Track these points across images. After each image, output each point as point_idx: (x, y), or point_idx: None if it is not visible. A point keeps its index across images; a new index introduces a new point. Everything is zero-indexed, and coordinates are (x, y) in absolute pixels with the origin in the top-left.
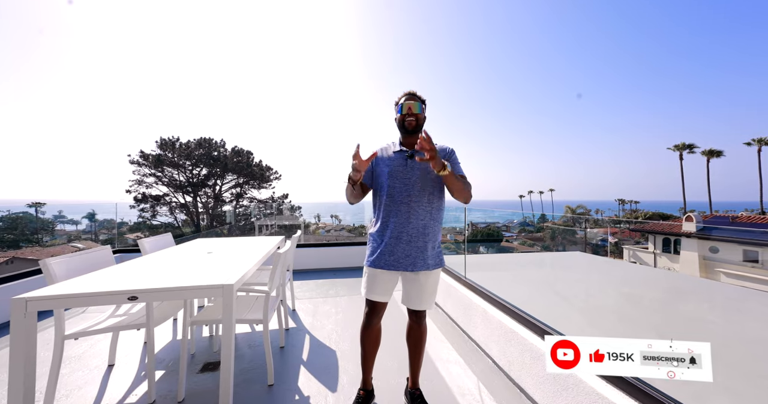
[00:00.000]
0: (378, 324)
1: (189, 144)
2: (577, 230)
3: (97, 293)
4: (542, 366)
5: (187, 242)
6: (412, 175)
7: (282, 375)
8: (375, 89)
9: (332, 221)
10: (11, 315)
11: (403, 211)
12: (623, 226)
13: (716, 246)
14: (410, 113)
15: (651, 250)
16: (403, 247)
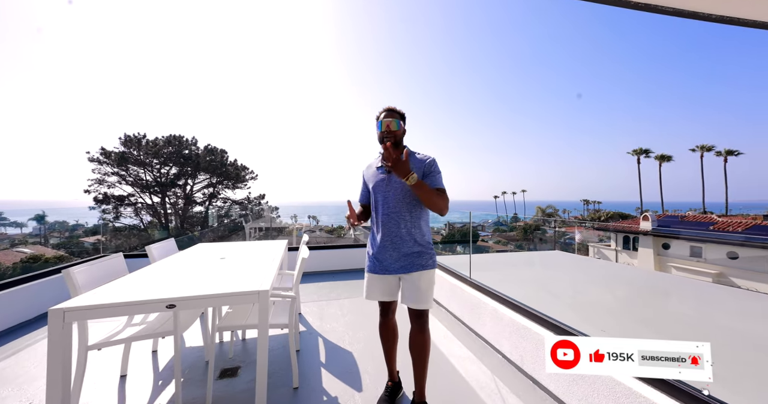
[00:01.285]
0: (392, 319)
1: (157, 142)
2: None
3: (136, 303)
4: None
5: (188, 247)
6: (390, 189)
7: (304, 377)
8: (352, 86)
9: (310, 221)
10: (49, 326)
11: (387, 222)
12: (588, 225)
13: (668, 243)
14: (388, 131)
15: (613, 247)
16: (390, 254)
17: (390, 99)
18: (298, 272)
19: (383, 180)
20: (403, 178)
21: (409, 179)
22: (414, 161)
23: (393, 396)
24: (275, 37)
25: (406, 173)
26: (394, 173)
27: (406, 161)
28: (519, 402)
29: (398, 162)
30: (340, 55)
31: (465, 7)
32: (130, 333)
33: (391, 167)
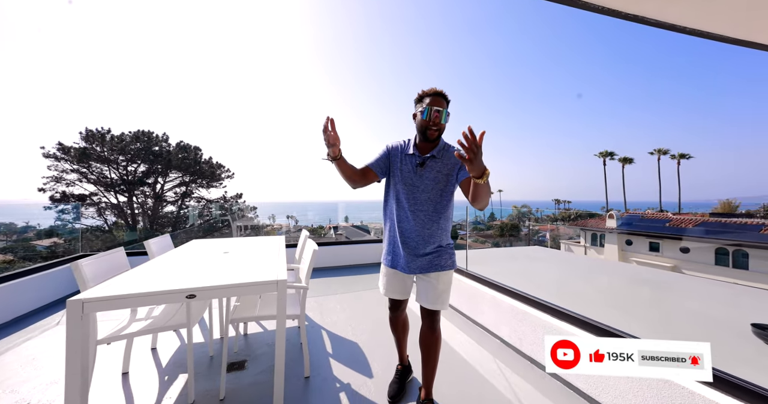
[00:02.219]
0: (402, 315)
1: (123, 137)
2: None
3: (156, 293)
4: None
5: (181, 245)
6: (420, 183)
7: (314, 367)
8: (330, 86)
9: (288, 221)
10: (67, 318)
11: (409, 218)
12: (559, 223)
13: (630, 239)
14: (435, 123)
15: (582, 244)
16: (410, 252)
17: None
18: (309, 264)
19: (412, 172)
20: (477, 174)
21: (483, 177)
22: (449, 155)
23: (404, 379)
24: (253, 32)
25: (483, 169)
26: (467, 167)
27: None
28: (520, 379)
29: (478, 156)
30: (318, 52)
31: (443, 5)
32: (137, 328)
33: (467, 159)
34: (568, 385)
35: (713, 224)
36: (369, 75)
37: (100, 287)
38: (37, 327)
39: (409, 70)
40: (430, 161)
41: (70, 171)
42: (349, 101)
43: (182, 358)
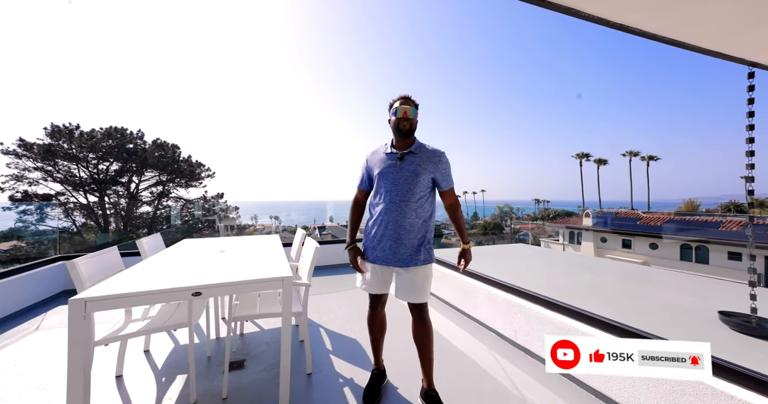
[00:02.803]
0: (381, 312)
1: (94, 134)
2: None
3: (161, 291)
4: (547, 328)
5: (173, 245)
6: (401, 176)
7: (315, 364)
8: (313, 84)
9: (272, 222)
10: (69, 318)
11: (391, 210)
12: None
13: (605, 237)
14: (405, 118)
15: (561, 241)
16: (390, 244)
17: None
18: (311, 262)
19: (393, 166)
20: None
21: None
22: (424, 152)
23: (379, 383)
24: (234, 28)
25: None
26: (420, 165)
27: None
28: (516, 369)
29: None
30: (301, 50)
31: (428, 5)
32: (135, 328)
33: None
34: (563, 374)
35: (678, 222)
36: (353, 73)
37: (99, 286)
38: (14, 332)
39: (393, 68)
40: (409, 156)
41: (33, 169)
42: (331, 99)
43: (177, 359)
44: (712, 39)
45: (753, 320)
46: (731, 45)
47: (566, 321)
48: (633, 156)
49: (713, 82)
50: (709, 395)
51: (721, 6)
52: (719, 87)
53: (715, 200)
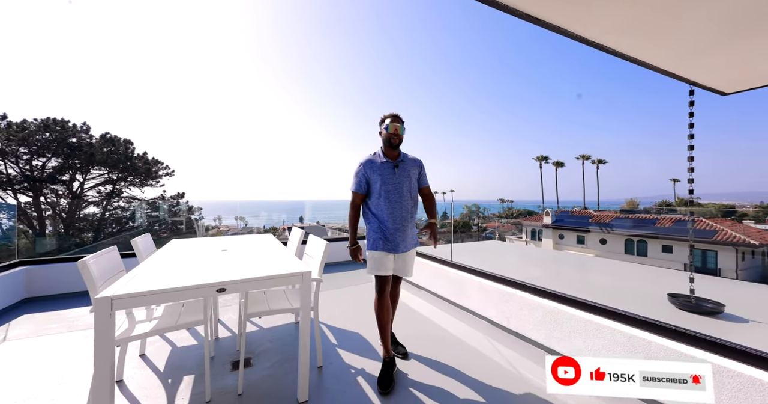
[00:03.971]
0: (388, 295)
1: (26, 125)
2: (471, 225)
3: (186, 288)
4: (538, 313)
5: (164, 246)
6: (399, 181)
7: (324, 357)
8: (276, 83)
9: (237, 223)
10: (95, 315)
11: (396, 208)
12: (504, 220)
13: (562, 234)
14: (396, 134)
15: (524, 238)
16: (401, 235)
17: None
18: (323, 258)
19: (391, 173)
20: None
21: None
22: (410, 160)
23: (390, 370)
24: (198, 21)
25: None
26: (411, 170)
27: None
28: (511, 351)
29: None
30: (264, 56)
31: (399, 6)
32: (150, 328)
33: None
34: (551, 351)
35: (622, 220)
36: (322, 74)
37: (117, 285)
38: None
39: (365, 69)
40: (401, 163)
41: None
42: (298, 100)
43: (177, 361)
44: (668, 61)
45: (692, 300)
46: (681, 67)
47: (555, 305)
48: (585, 159)
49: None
50: (675, 357)
51: (677, 33)
52: (655, 103)
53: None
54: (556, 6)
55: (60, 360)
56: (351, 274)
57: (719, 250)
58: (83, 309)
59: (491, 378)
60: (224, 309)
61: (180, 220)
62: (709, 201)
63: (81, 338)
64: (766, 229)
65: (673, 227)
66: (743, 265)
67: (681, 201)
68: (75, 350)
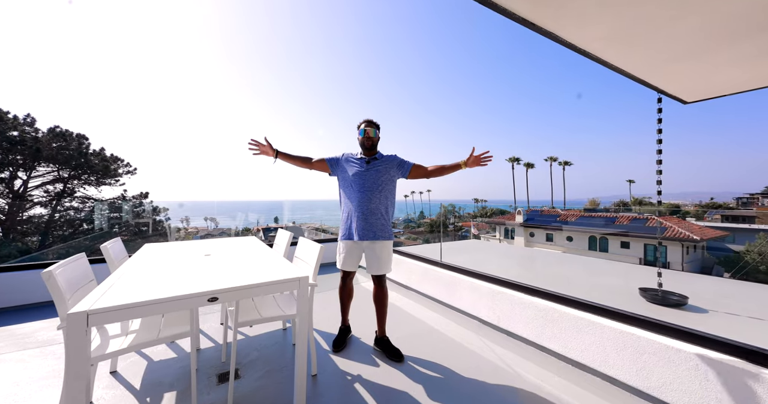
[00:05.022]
0: (350, 284)
1: None
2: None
3: (173, 299)
4: (529, 312)
5: (138, 250)
6: (369, 176)
7: (318, 364)
8: (242, 82)
9: (207, 224)
10: (67, 334)
11: (360, 199)
12: (479, 220)
13: (533, 232)
14: (368, 137)
15: (498, 237)
16: (362, 224)
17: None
18: (317, 261)
19: (364, 168)
20: (470, 166)
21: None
22: (386, 158)
23: (345, 336)
24: (169, 18)
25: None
26: (472, 165)
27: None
28: (504, 350)
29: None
30: (228, 53)
31: (375, 4)
32: (124, 343)
33: (478, 164)
34: (543, 348)
35: (586, 218)
36: (296, 73)
37: (91, 297)
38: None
39: (342, 68)
40: (373, 161)
41: None
42: (266, 100)
43: (156, 377)
44: (642, 69)
45: (660, 293)
46: (651, 75)
47: (546, 303)
48: (553, 161)
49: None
50: (662, 350)
51: (653, 43)
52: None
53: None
54: (549, 10)
55: (11, 384)
56: (335, 276)
57: (668, 245)
58: (36, 324)
59: (489, 379)
60: (204, 317)
61: (145, 222)
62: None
63: (35, 357)
64: (705, 225)
65: (631, 225)
66: (687, 258)
67: (636, 201)
68: (29, 371)
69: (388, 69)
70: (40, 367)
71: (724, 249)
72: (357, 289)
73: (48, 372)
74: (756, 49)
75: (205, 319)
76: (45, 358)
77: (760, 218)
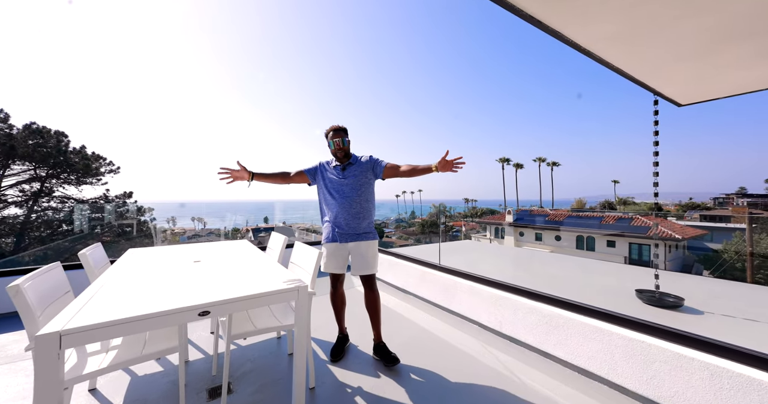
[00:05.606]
0: (341, 289)
1: None
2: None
3: (160, 314)
4: (532, 317)
5: (121, 256)
6: (345, 183)
7: (316, 376)
8: (230, 83)
9: (195, 224)
10: (36, 356)
11: (341, 205)
12: (469, 219)
13: (523, 231)
14: (339, 148)
15: (488, 236)
16: (345, 229)
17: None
18: (315, 268)
19: (340, 176)
20: (442, 170)
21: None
22: (361, 164)
23: (343, 345)
24: (155, 15)
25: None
26: (443, 169)
27: None
28: (507, 356)
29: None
30: (216, 52)
31: (367, 4)
32: (104, 362)
33: (449, 169)
34: (547, 355)
35: (573, 218)
36: (285, 72)
37: (65, 314)
38: None
39: (332, 70)
40: (349, 167)
41: None
42: (254, 101)
43: (140, 394)
44: (641, 70)
45: (656, 294)
46: (651, 77)
47: (550, 309)
48: (541, 162)
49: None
50: (673, 359)
51: (655, 44)
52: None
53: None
54: (556, 8)
55: None
56: (325, 280)
57: (652, 244)
58: (5, 337)
59: (494, 388)
60: (193, 326)
61: (129, 223)
62: (642, 201)
63: (4, 375)
64: (686, 224)
65: (616, 224)
66: (669, 257)
67: (620, 201)
68: None
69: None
70: (8, 387)
71: (703, 248)
72: (352, 293)
73: (18, 391)
74: (754, 51)
75: (194, 328)
76: (15, 375)
77: (736, 217)
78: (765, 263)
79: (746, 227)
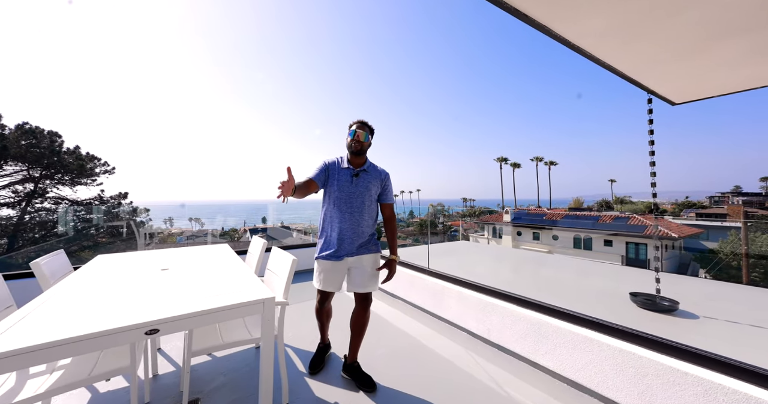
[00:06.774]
0: (328, 305)
1: None
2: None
3: (102, 333)
4: (521, 325)
5: (88, 262)
6: (355, 190)
7: (290, 391)
8: (222, 80)
9: (192, 224)
10: None
11: (346, 217)
12: (468, 219)
13: (520, 231)
14: (358, 140)
15: (486, 236)
16: (350, 242)
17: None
18: (288, 277)
19: (350, 182)
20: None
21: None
22: (374, 171)
23: (323, 354)
24: (151, 15)
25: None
26: (371, 181)
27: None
28: (494, 367)
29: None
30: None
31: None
32: (47, 384)
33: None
34: (536, 366)
35: (570, 217)
36: (281, 72)
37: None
38: None
39: (327, 68)
40: (363, 173)
41: None
42: (249, 102)
43: None
44: (633, 67)
45: (650, 298)
46: (643, 75)
47: (539, 317)
48: (539, 161)
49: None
50: (666, 372)
51: (649, 41)
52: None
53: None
54: (542, 1)
55: None
56: (310, 285)
57: (648, 243)
58: None
59: (481, 400)
60: (167, 337)
61: (120, 224)
62: (639, 200)
63: None
64: (681, 223)
65: (614, 224)
66: (665, 256)
67: (617, 200)
68: None
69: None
70: None
71: (699, 247)
72: (338, 298)
73: None
74: (748, 48)
75: (168, 338)
76: None
77: (731, 215)
78: (760, 262)
79: (741, 225)
